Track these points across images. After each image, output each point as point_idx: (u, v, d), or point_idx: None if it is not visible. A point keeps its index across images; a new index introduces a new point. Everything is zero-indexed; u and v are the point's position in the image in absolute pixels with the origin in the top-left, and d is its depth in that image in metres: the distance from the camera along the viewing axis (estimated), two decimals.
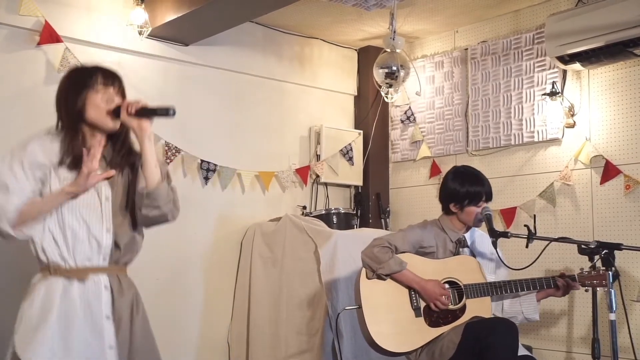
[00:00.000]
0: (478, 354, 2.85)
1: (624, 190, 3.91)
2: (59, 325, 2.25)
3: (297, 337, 4.05)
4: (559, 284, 3.15)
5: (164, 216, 2.44)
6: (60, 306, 2.27)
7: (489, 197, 3.25)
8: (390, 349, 3.08)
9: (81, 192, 2.29)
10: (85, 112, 2.35)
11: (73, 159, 2.33)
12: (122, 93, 2.44)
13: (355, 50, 5.36)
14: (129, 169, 2.47)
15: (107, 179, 2.37)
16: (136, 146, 2.45)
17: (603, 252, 2.86)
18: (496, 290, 3.14)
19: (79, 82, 2.38)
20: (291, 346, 4.07)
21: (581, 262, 3.12)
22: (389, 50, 4.45)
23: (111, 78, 2.42)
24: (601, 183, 4.01)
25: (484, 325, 2.96)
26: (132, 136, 2.45)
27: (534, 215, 3.57)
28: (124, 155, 2.46)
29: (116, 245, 2.39)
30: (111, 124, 2.37)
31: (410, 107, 5.14)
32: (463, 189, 3.22)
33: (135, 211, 2.42)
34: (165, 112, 2.37)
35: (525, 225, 3.11)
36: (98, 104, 2.35)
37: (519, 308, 3.27)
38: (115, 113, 2.36)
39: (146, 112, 2.36)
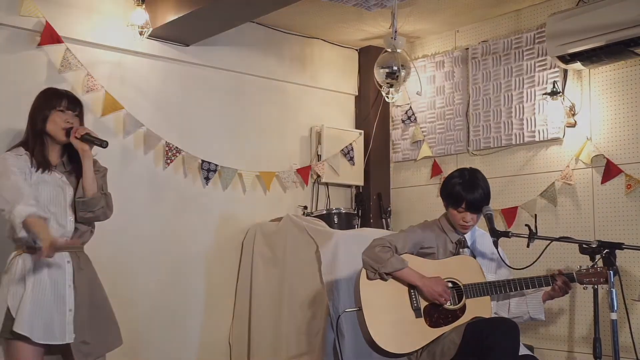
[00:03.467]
0: (479, 354, 2.84)
1: (625, 189, 3.91)
2: (33, 293, 2.81)
3: (298, 338, 4.05)
4: (555, 286, 3.14)
5: (97, 218, 3.05)
6: (33, 278, 2.83)
7: (470, 207, 3.15)
8: (391, 350, 3.07)
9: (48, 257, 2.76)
10: (47, 125, 2.96)
11: (38, 162, 2.93)
12: (80, 117, 3.05)
13: (356, 50, 5.36)
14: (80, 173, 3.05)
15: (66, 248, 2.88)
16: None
17: (604, 252, 2.88)
18: (495, 289, 3.13)
19: (48, 101, 3.00)
20: (292, 346, 4.07)
21: (582, 261, 3.11)
22: (389, 50, 4.44)
23: (73, 104, 3.04)
24: (602, 182, 4.01)
25: (485, 325, 2.95)
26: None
27: (535, 215, 3.57)
28: (77, 162, 3.00)
29: (76, 229, 2.99)
30: (64, 139, 2.98)
31: (411, 107, 5.14)
32: (450, 185, 3.21)
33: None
34: (99, 143, 2.97)
35: (526, 225, 3.11)
36: (57, 121, 2.97)
37: (526, 308, 3.26)
38: (67, 132, 2.97)
39: (85, 139, 2.95)
